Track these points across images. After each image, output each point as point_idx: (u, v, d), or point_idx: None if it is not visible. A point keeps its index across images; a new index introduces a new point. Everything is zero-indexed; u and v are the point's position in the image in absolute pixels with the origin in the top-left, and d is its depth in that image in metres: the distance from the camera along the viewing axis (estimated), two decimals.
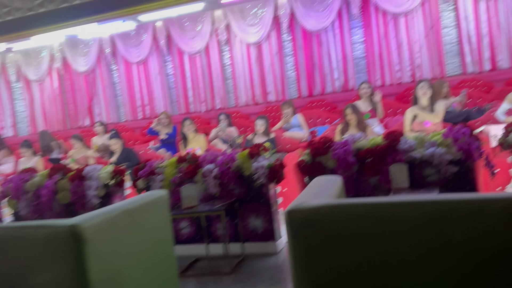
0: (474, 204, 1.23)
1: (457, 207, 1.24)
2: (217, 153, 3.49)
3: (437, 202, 1.26)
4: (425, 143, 2.92)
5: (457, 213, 1.23)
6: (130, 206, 1.95)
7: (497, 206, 1.21)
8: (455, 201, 1.25)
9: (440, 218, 1.24)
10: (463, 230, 1.23)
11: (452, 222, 1.23)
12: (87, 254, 1.62)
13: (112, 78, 8.67)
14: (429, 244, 1.25)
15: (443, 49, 6.77)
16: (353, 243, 1.33)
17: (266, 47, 7.65)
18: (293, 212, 1.37)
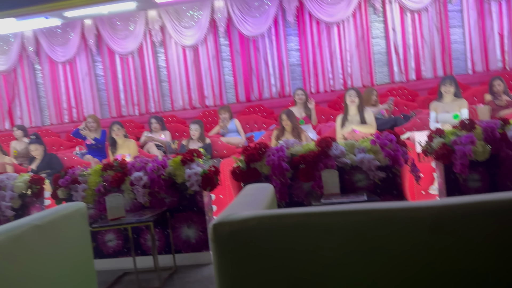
0: (402, 213, 1.21)
1: (385, 215, 1.22)
2: (147, 159, 3.30)
3: (365, 211, 1.23)
4: (355, 149, 2.97)
5: (386, 221, 1.21)
6: (40, 221, 1.74)
7: (424, 214, 1.20)
8: (384, 210, 1.23)
9: (369, 227, 1.21)
10: (392, 239, 1.21)
11: (381, 231, 1.21)
12: None
13: (35, 78, 8.04)
14: (359, 254, 1.22)
15: (373, 58, 7.08)
16: (284, 255, 1.27)
17: (203, 50, 7.52)
18: (220, 225, 1.28)
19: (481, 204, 1.18)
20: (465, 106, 4.12)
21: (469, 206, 1.18)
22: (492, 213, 1.15)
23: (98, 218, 3.31)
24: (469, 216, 1.18)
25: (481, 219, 1.16)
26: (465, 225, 1.17)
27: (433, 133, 2.95)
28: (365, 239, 1.21)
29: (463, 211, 1.18)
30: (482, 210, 1.17)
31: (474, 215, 1.17)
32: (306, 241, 1.25)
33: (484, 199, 1.18)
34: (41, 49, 7.83)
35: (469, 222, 1.16)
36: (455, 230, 1.16)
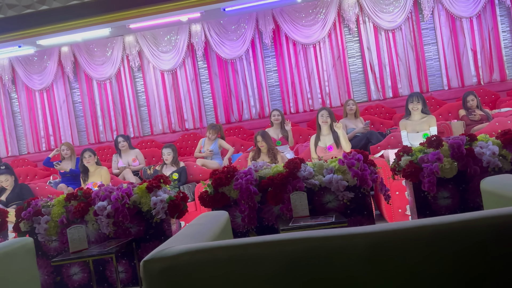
0: (339, 240, 1.15)
1: (322, 243, 1.15)
2: (112, 188, 3.20)
3: (300, 239, 1.17)
4: (323, 170, 2.92)
5: (322, 249, 1.15)
6: None
7: (361, 241, 1.14)
8: (320, 238, 1.16)
9: (305, 256, 1.15)
10: (330, 267, 1.14)
11: (318, 260, 1.15)
12: None
13: (12, 107, 7.92)
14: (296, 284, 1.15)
15: (350, 77, 7.13)
16: None
17: (181, 74, 7.51)
18: (149, 262, 1.20)
19: (418, 228, 1.12)
20: (434, 123, 4.12)
21: (407, 231, 1.12)
22: (430, 237, 1.10)
23: (62, 250, 3.18)
24: (407, 241, 1.12)
25: (420, 244, 1.10)
26: (403, 251, 1.11)
27: (400, 151, 2.91)
28: (301, 268, 1.14)
29: (400, 237, 1.12)
30: (420, 235, 1.11)
31: (413, 240, 1.12)
32: (242, 274, 1.17)
33: (421, 223, 1.12)
34: (18, 77, 7.75)
35: (407, 248, 1.10)
36: (393, 257, 1.10)
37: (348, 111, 5.62)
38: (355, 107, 5.64)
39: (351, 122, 5.56)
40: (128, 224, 3.06)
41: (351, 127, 5.41)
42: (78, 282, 3.21)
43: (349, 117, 5.64)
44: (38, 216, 3.15)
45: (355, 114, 5.66)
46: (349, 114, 5.63)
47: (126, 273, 3.15)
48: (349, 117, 5.64)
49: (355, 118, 5.64)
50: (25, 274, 1.89)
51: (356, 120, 5.60)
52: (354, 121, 5.58)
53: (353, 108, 5.62)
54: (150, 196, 3.09)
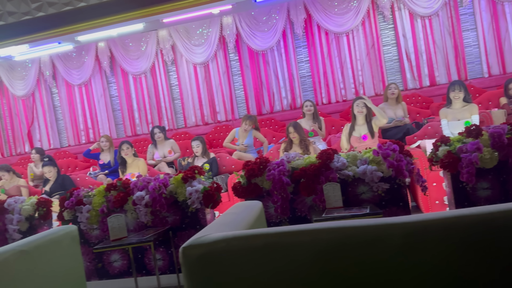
0: (374, 230, 1.15)
1: (356, 233, 1.16)
2: (150, 178, 3.30)
3: (335, 229, 1.17)
4: (357, 161, 2.89)
5: (357, 239, 1.15)
6: (26, 246, 1.74)
7: (396, 232, 1.14)
8: (354, 227, 1.17)
9: (339, 246, 1.15)
10: (363, 257, 1.14)
11: (352, 250, 1.15)
12: None
13: (53, 101, 8.27)
14: (329, 273, 1.16)
15: (384, 66, 6.97)
16: (253, 276, 1.22)
17: (213, 66, 7.58)
18: (188, 249, 1.24)
19: (456, 219, 1.10)
20: (476, 111, 3.97)
21: (444, 221, 1.10)
22: (468, 228, 1.08)
23: (103, 238, 3.32)
24: (444, 232, 1.10)
25: (457, 234, 1.09)
26: (440, 242, 1.09)
27: (438, 141, 2.84)
28: (335, 257, 1.15)
29: (437, 227, 1.10)
30: (457, 225, 1.09)
31: (450, 230, 1.10)
32: (276, 261, 1.20)
33: (458, 213, 1.10)
34: (58, 73, 8.07)
35: (444, 239, 1.09)
36: (429, 247, 1.09)
37: (390, 95, 5.32)
38: (397, 91, 5.32)
39: (391, 108, 5.28)
40: (165, 213, 3.16)
41: (390, 116, 5.16)
42: (118, 268, 3.34)
43: (390, 102, 5.33)
44: (80, 206, 3.30)
45: (397, 98, 5.34)
46: (390, 99, 5.33)
47: (164, 260, 3.25)
48: (390, 102, 5.33)
49: (396, 104, 5.34)
50: (70, 260, 1.99)
51: (397, 106, 5.32)
52: (394, 107, 5.29)
53: (395, 92, 5.31)
54: (185, 186, 3.17)
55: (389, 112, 5.24)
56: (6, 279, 1.61)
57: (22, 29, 5.15)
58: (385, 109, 5.19)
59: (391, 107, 5.30)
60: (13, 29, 5.38)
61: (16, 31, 5.15)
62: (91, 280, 3.35)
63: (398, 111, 5.26)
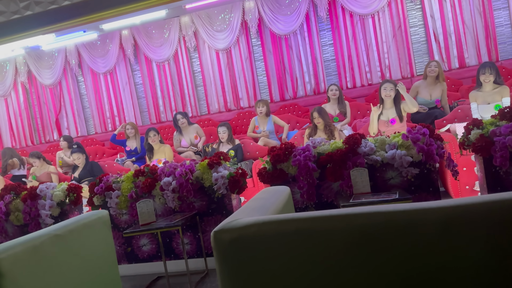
0: (409, 215, 1.12)
1: (390, 218, 1.13)
2: (176, 164, 3.34)
3: (368, 214, 1.15)
4: (386, 145, 2.83)
5: (391, 225, 1.13)
6: (60, 230, 1.79)
7: (433, 217, 1.10)
8: (388, 213, 1.14)
9: (372, 231, 1.13)
10: (398, 243, 1.12)
11: (386, 235, 1.13)
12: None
13: (79, 90, 8.44)
14: (363, 259, 1.14)
15: (411, 48, 6.77)
16: (285, 261, 1.21)
17: (235, 52, 7.55)
18: (220, 232, 1.24)
19: (491, 203, 1.06)
20: (507, 94, 3.81)
21: (479, 206, 1.06)
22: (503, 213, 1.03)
23: (132, 223, 3.39)
24: (479, 217, 1.06)
25: (492, 219, 1.05)
26: (475, 227, 1.05)
27: (470, 124, 2.74)
28: (368, 243, 1.13)
29: (475, 212, 1.06)
30: (493, 210, 1.05)
31: (485, 216, 1.06)
32: (308, 247, 1.19)
33: (494, 198, 1.05)
34: (83, 62, 8.21)
35: (482, 224, 1.05)
36: (467, 233, 1.05)
37: (429, 73, 4.95)
38: (437, 70, 4.94)
39: (428, 88, 4.96)
40: (191, 199, 3.19)
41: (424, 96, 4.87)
42: (147, 253, 3.42)
43: (428, 81, 4.97)
44: (110, 191, 3.37)
45: (438, 77, 4.96)
46: (429, 77, 4.95)
47: (191, 245, 3.30)
48: (428, 81, 4.97)
49: (435, 84, 4.97)
50: (103, 244, 2.04)
51: (436, 86, 4.97)
52: (432, 87, 4.95)
53: (435, 70, 4.93)
54: (211, 172, 3.19)
55: (424, 92, 4.95)
56: (43, 262, 1.66)
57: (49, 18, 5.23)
58: (420, 88, 4.99)
59: (428, 86, 4.97)
60: (40, 19, 5.47)
61: (43, 20, 5.24)
62: (121, 263, 3.43)
63: (435, 92, 4.93)
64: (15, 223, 3.61)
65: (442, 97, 4.91)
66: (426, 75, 5.02)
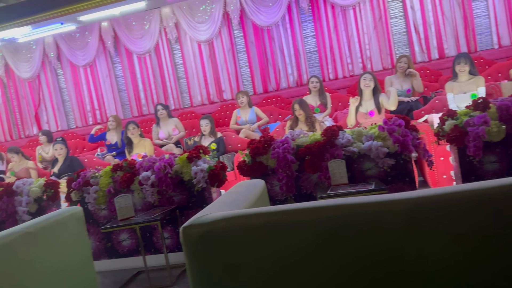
0: (375, 207, 1.13)
1: (357, 210, 1.14)
2: (155, 158, 3.31)
3: (335, 206, 1.16)
4: (363, 137, 2.86)
5: (358, 217, 1.14)
6: (32, 228, 1.76)
7: (398, 208, 1.12)
8: (355, 205, 1.15)
9: (339, 223, 1.14)
10: (365, 235, 1.13)
11: (353, 227, 1.14)
12: None
13: (58, 83, 8.28)
14: (331, 252, 1.15)
15: (392, 39, 6.82)
16: (255, 255, 1.22)
17: (218, 44, 7.49)
18: (188, 228, 1.24)
19: (460, 193, 1.07)
20: (482, 84, 3.88)
21: (448, 196, 1.08)
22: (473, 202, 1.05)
23: (111, 218, 3.37)
24: (449, 207, 1.08)
25: (462, 209, 1.07)
26: (445, 217, 1.07)
27: (444, 115, 2.79)
28: (337, 236, 1.14)
29: (441, 203, 1.08)
30: (462, 200, 1.07)
31: (454, 205, 1.08)
32: (276, 240, 1.19)
33: (463, 188, 1.07)
34: (62, 54, 8.04)
35: (449, 214, 1.07)
36: (434, 223, 1.07)
37: (399, 69, 5.16)
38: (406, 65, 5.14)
39: (398, 80, 5.15)
40: (171, 193, 3.18)
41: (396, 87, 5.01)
42: (127, 247, 3.40)
43: (399, 74, 5.18)
44: (88, 187, 3.33)
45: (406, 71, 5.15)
46: (399, 72, 5.17)
47: (172, 239, 3.29)
48: (399, 74, 5.18)
49: (405, 76, 5.17)
50: (77, 241, 2.02)
51: (406, 78, 5.16)
52: (403, 79, 5.15)
53: (404, 66, 5.13)
54: (191, 166, 3.18)
55: (396, 85, 5.12)
56: (13, 260, 1.63)
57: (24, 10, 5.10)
58: (393, 80, 5.11)
59: (399, 79, 5.18)
60: (14, 11, 5.34)
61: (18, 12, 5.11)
62: (101, 259, 3.41)
63: (406, 84, 5.13)
64: None
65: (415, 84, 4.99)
66: (396, 69, 5.15)
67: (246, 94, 5.82)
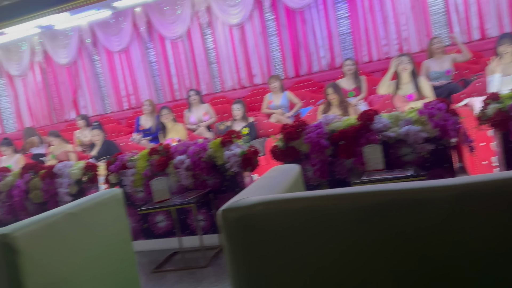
0: (417, 194, 1.10)
1: (399, 197, 1.11)
2: (190, 143, 3.36)
3: (375, 192, 1.13)
4: (400, 121, 2.78)
5: (400, 203, 1.11)
6: (74, 209, 1.83)
7: (442, 195, 1.08)
8: (397, 191, 1.12)
9: (379, 210, 1.11)
10: (407, 221, 1.10)
11: (395, 214, 1.11)
12: (21, 266, 1.51)
13: (95, 68, 8.48)
14: (370, 239, 1.13)
15: (430, 20, 6.54)
16: (292, 240, 1.21)
17: (249, 28, 7.43)
18: (226, 211, 1.24)
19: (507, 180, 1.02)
20: None
21: (494, 183, 1.03)
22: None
23: (148, 200, 3.46)
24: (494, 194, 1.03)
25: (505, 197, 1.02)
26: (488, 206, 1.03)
27: (488, 98, 2.66)
28: (374, 222, 1.11)
29: (485, 190, 1.04)
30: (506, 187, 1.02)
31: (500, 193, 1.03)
32: (313, 225, 1.18)
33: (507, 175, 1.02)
34: (98, 40, 8.22)
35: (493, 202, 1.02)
36: (477, 212, 1.03)
37: (436, 50, 4.97)
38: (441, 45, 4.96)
39: (436, 62, 4.95)
40: (205, 177, 3.22)
41: (434, 69, 4.85)
42: (163, 229, 3.49)
43: (436, 56, 4.97)
44: (125, 169, 3.42)
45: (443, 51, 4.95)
46: (436, 53, 4.96)
47: (206, 221, 3.35)
48: (436, 56, 4.97)
49: (442, 57, 4.95)
50: (117, 221, 2.08)
51: (443, 57, 4.94)
52: (441, 60, 4.94)
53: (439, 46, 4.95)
54: (223, 150, 3.20)
55: (434, 67, 4.92)
56: (58, 240, 1.70)
57: None
58: (430, 64, 4.93)
59: (436, 61, 4.97)
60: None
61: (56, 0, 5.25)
62: (138, 239, 3.52)
63: (445, 64, 4.90)
64: (35, 200, 3.71)
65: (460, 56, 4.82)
66: (431, 52, 4.95)
67: (278, 79, 5.81)
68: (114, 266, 1.98)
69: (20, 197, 3.65)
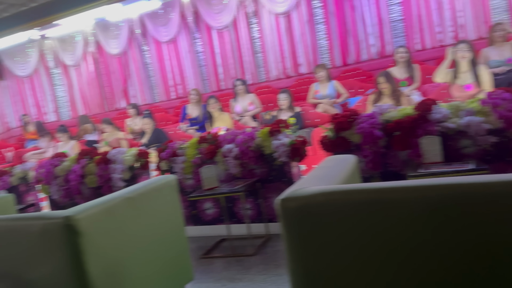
0: (489, 188, 1.02)
1: (466, 191, 1.04)
2: (238, 132, 3.36)
3: (443, 186, 1.07)
4: (460, 112, 2.62)
5: (469, 198, 1.04)
6: (132, 193, 1.88)
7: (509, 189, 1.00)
8: (466, 184, 1.05)
9: (449, 204, 1.05)
10: (475, 217, 1.03)
11: (468, 208, 1.04)
12: (83, 247, 1.58)
13: (144, 59, 8.70)
14: (440, 235, 1.07)
15: (489, 5, 6.13)
16: (352, 232, 1.18)
17: (295, 16, 7.31)
18: (286, 200, 1.23)
19: None
20: None
21: None
22: None
23: (197, 187, 3.51)
24: None
25: None
26: None
27: None
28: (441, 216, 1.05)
29: None
30: None
31: None
32: (379, 218, 1.14)
33: None
34: (147, 31, 8.41)
35: None
36: None
37: (497, 38, 4.62)
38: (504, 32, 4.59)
39: (496, 51, 4.61)
40: (252, 166, 3.22)
41: (494, 58, 4.54)
42: (211, 216, 3.54)
43: (497, 44, 4.63)
44: (175, 157, 3.49)
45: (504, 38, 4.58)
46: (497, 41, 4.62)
47: (252, 210, 3.36)
48: (497, 44, 4.63)
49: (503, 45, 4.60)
50: (171, 207, 2.13)
51: (504, 45, 4.60)
52: (501, 48, 4.59)
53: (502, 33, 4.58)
54: (272, 140, 3.18)
55: (494, 55, 4.60)
56: (116, 223, 1.76)
57: None
58: (489, 53, 4.62)
59: (497, 49, 4.65)
60: None
61: None
62: (187, 225, 3.59)
63: (506, 52, 4.58)
64: (90, 185, 3.88)
65: None
66: (492, 40, 4.64)
67: (325, 68, 5.71)
68: (168, 250, 2.03)
69: (76, 181, 3.83)
